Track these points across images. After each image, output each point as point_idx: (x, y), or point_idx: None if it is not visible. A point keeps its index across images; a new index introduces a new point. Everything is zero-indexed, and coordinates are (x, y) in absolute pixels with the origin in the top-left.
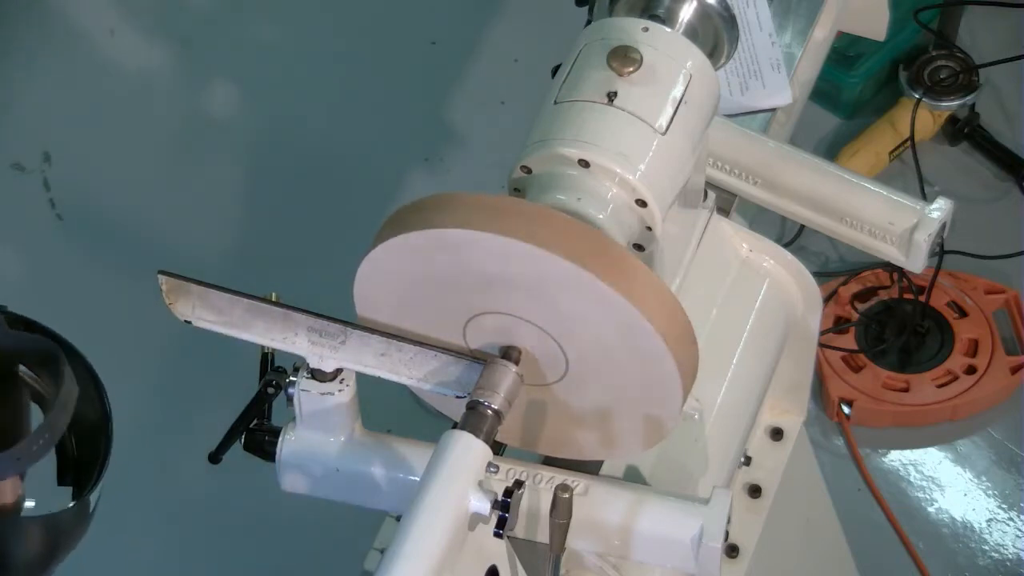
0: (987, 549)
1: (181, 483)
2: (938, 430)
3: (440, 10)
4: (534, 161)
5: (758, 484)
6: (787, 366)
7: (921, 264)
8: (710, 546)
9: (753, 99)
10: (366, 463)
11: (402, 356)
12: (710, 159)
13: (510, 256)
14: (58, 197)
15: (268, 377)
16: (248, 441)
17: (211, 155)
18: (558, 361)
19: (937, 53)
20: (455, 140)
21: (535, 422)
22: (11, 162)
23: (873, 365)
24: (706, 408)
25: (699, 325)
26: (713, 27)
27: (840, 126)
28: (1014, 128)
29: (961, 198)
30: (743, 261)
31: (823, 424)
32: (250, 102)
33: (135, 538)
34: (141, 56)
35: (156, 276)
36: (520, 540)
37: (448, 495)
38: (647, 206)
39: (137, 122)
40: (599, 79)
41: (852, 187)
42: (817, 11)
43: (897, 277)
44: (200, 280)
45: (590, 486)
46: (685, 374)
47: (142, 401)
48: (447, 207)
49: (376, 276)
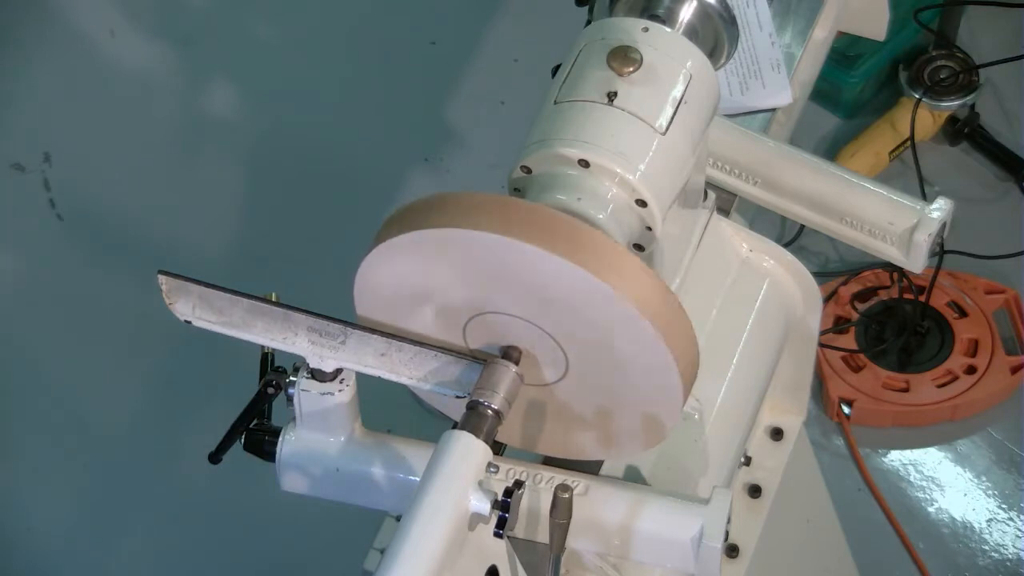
0: (987, 549)
1: (181, 483)
2: (938, 430)
3: (440, 10)
4: (534, 161)
5: (758, 484)
6: (787, 366)
7: (921, 264)
8: (710, 546)
9: (753, 99)
10: (366, 463)
11: (402, 356)
12: (710, 159)
13: (510, 256)
14: (58, 197)
15: (268, 377)
16: (248, 441)
17: (211, 155)
18: (558, 361)
19: (937, 53)
20: (455, 140)
21: (535, 422)
22: (11, 162)
23: (873, 365)
24: (706, 408)
25: (699, 325)
26: (713, 27)
27: (840, 126)
28: (1014, 128)
29: (961, 198)
30: (743, 261)
31: (823, 424)
32: (250, 102)
33: (135, 538)
34: (141, 56)
35: (156, 276)
36: (520, 540)
37: (448, 495)
38: (647, 206)
39: (137, 122)
40: (599, 79)
41: (852, 187)
42: (817, 11)
43: (897, 277)
44: (200, 280)
45: (590, 486)
46: (685, 374)
47: (142, 401)
48: (447, 207)
49: (376, 276)
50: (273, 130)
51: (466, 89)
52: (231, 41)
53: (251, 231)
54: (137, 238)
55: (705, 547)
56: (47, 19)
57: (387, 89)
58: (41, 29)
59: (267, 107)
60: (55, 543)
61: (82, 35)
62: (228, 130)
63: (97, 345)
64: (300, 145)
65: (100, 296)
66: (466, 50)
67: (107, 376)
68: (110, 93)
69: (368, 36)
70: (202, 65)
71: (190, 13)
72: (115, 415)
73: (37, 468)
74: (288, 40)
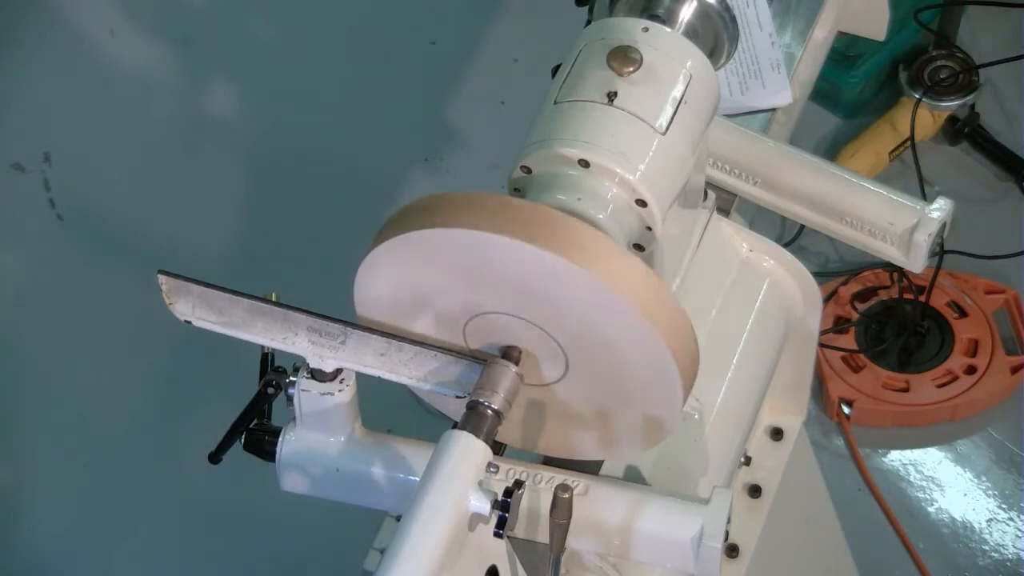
0: (987, 549)
1: (181, 483)
2: (938, 430)
3: (440, 10)
4: (534, 161)
5: (758, 484)
6: (787, 366)
7: (921, 264)
8: (710, 546)
9: (753, 99)
10: (366, 463)
11: (402, 356)
12: (710, 159)
13: (510, 256)
14: (58, 197)
15: (268, 377)
16: (248, 441)
17: (211, 155)
18: (558, 361)
19: (937, 53)
20: (455, 140)
21: (535, 422)
22: (11, 162)
23: (873, 365)
24: (706, 408)
25: (699, 325)
26: (713, 27)
27: (840, 126)
28: (1014, 128)
29: (961, 198)
30: (743, 261)
31: (823, 424)
32: (250, 102)
33: (135, 538)
34: (141, 56)
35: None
36: (520, 540)
37: (448, 495)
38: (647, 206)
39: (137, 122)
40: (599, 79)
41: (852, 187)
42: (817, 11)
43: (897, 277)
44: (200, 280)
45: (590, 486)
46: (685, 374)
47: (142, 401)
48: (447, 207)
49: (376, 276)
50: (273, 130)
51: (466, 89)
52: (231, 41)
53: (251, 231)
54: (137, 238)
55: (705, 547)
56: (47, 19)
57: (387, 89)
58: (41, 29)
59: (267, 107)
60: (55, 543)
61: (82, 35)
62: (228, 130)
63: (97, 345)
64: (300, 145)
65: (100, 296)
66: (466, 50)
67: (107, 376)
68: (110, 93)
69: (368, 36)
70: (202, 65)
71: (190, 13)
72: (115, 415)
73: (37, 468)
74: (288, 40)
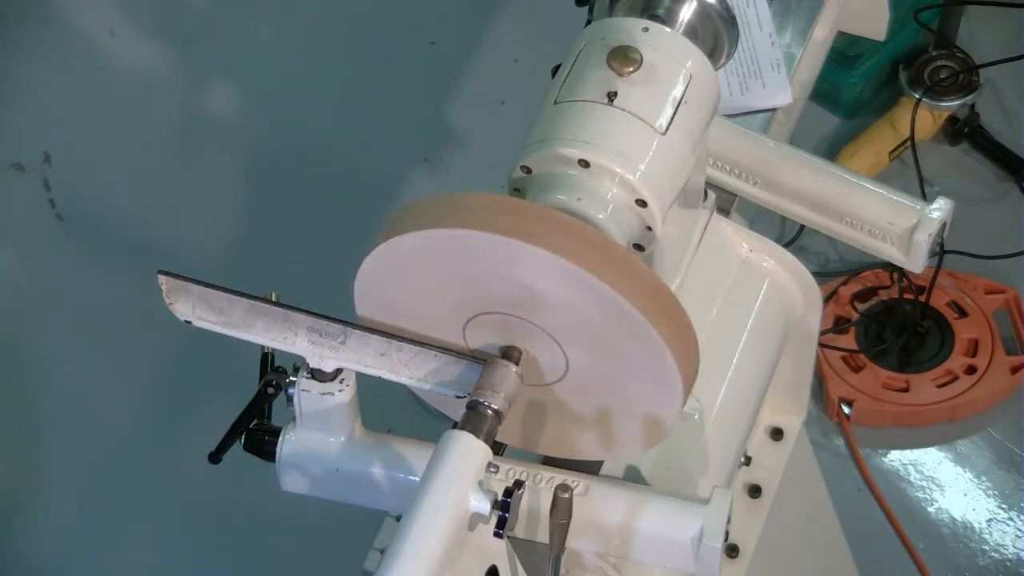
0: (987, 549)
1: (181, 483)
2: (938, 430)
3: (440, 10)
4: (534, 161)
5: (758, 484)
6: (787, 366)
7: (921, 264)
8: (710, 546)
9: (753, 99)
10: (366, 463)
11: (402, 356)
12: (710, 159)
13: (510, 256)
14: (58, 197)
15: (268, 377)
16: (248, 441)
17: (211, 155)
18: (558, 361)
19: (937, 53)
20: (455, 140)
21: (535, 422)
22: (11, 162)
23: (873, 365)
24: (706, 408)
25: (699, 325)
26: (713, 27)
27: (840, 126)
28: (1014, 128)
29: (961, 198)
30: (743, 261)
31: (823, 424)
32: (250, 102)
33: (135, 538)
34: (141, 56)
35: (156, 276)
36: (520, 540)
37: (448, 495)
38: (647, 206)
39: (137, 122)
40: (599, 79)
41: (852, 187)
42: (817, 11)
43: (897, 277)
44: (200, 280)
45: (590, 486)
46: (685, 374)
47: (141, 401)
48: (447, 207)
49: (376, 276)
50: (273, 130)
51: (466, 89)
52: (231, 41)
53: (251, 231)
54: (137, 238)
55: (705, 547)
56: (47, 19)
57: (387, 89)
58: (41, 29)
59: (267, 107)
60: (55, 543)
61: (82, 35)
62: (228, 130)
63: (97, 345)
64: (300, 145)
65: (100, 296)
66: (466, 50)
67: (107, 376)
68: (110, 93)
69: (368, 36)
70: (202, 65)
71: (190, 13)
72: (115, 415)
73: (37, 468)
74: (288, 40)
